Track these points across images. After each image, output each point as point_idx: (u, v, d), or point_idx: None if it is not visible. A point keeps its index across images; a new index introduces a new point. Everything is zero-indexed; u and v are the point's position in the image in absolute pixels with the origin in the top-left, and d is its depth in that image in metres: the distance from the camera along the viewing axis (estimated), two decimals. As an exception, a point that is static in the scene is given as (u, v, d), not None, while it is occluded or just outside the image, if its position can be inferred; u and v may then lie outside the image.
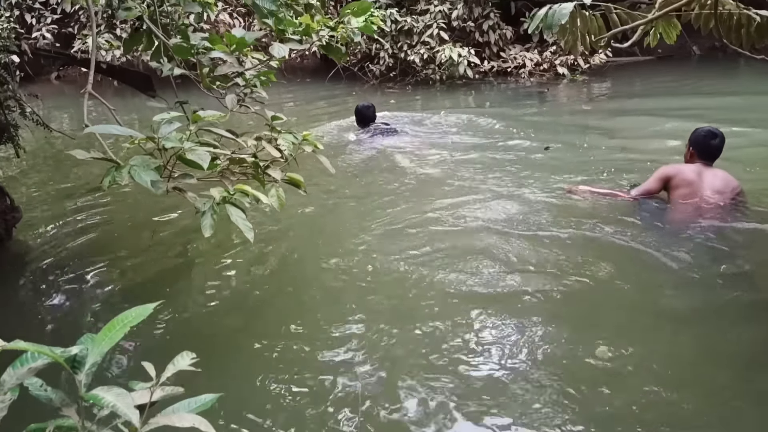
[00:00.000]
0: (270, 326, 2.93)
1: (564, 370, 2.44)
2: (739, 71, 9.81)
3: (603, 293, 3.07)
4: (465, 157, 5.52)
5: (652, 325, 2.80)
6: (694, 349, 2.64)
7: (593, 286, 3.11)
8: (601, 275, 3.21)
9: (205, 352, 2.71)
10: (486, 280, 3.20)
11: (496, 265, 3.34)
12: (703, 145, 3.96)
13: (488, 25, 10.59)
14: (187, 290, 3.40)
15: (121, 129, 2.02)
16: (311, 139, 2.76)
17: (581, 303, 2.99)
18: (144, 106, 7.24)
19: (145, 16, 3.19)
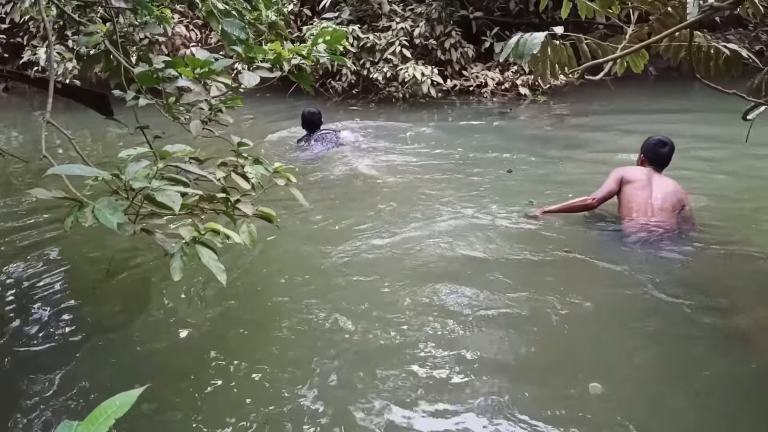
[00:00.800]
0: (239, 357, 2.84)
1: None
2: (693, 92, 10.10)
3: (566, 315, 3.08)
4: (426, 177, 5.55)
5: (621, 349, 2.81)
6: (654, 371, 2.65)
7: (551, 306, 3.14)
8: (561, 296, 3.24)
9: (171, 388, 2.61)
10: (447, 305, 3.24)
11: (459, 290, 3.38)
12: (654, 152, 4.29)
13: (450, 43, 10.64)
14: (147, 325, 3.26)
15: (85, 169, 1.90)
16: (283, 172, 2.67)
17: (543, 325, 3.01)
18: (97, 121, 7.00)
19: (106, 40, 3.06)
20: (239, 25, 2.75)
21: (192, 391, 2.64)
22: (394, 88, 10.06)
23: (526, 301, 3.26)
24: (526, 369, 2.73)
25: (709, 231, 4.07)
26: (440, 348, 2.84)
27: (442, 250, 3.89)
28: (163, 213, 2.16)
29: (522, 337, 2.95)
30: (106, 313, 3.41)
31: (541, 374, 2.69)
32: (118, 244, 4.15)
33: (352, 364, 2.75)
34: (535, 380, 2.64)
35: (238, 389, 2.64)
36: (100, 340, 3.09)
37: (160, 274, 3.72)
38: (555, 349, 2.88)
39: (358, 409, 2.47)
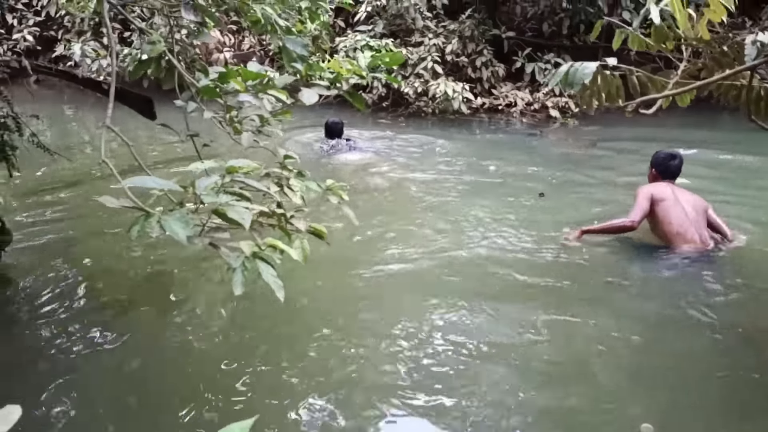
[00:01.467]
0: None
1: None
2: (722, 121, 10.07)
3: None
4: (456, 194, 5.60)
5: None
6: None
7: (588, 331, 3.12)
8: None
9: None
10: (481, 331, 3.25)
11: (497, 315, 3.39)
12: (664, 165, 4.45)
13: (481, 61, 10.68)
14: (179, 326, 3.30)
15: (159, 182, 1.94)
16: (336, 190, 2.70)
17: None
18: (129, 120, 7.12)
19: (166, 49, 3.12)
20: (301, 43, 2.80)
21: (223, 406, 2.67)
22: (424, 102, 10.11)
23: (564, 332, 3.26)
24: (571, 414, 2.67)
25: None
26: (473, 380, 2.82)
27: (480, 271, 3.92)
28: (228, 227, 2.20)
29: (564, 376, 2.92)
30: (139, 310, 3.46)
31: (588, 418, 2.64)
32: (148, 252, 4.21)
33: (379, 391, 2.75)
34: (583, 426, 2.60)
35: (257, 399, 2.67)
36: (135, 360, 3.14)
37: (189, 284, 3.77)
38: (600, 387, 2.85)
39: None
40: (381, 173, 6.52)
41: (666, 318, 3.44)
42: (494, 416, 2.55)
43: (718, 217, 4.42)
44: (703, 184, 5.84)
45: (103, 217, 4.85)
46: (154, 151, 7.61)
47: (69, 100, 12.55)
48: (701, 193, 4.59)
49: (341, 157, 7.18)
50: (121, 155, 5.29)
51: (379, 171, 6.61)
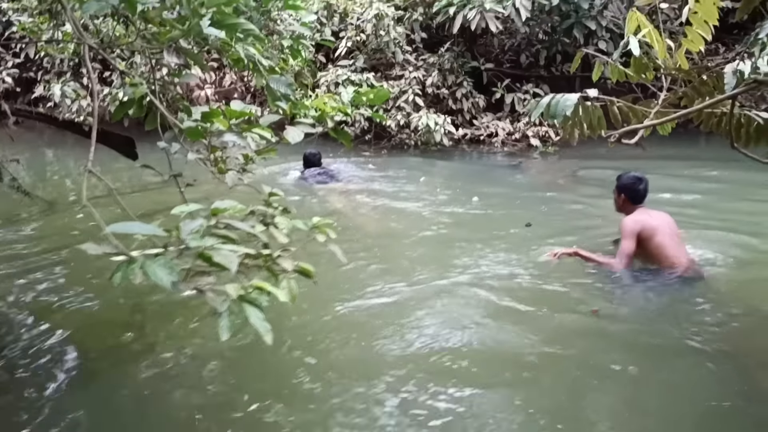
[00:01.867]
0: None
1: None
2: (699, 145, 10.26)
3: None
4: (442, 225, 5.59)
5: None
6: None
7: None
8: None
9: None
10: (468, 360, 3.19)
11: (484, 346, 3.36)
12: (633, 190, 4.43)
13: (461, 93, 10.80)
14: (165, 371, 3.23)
15: (144, 227, 1.89)
16: (323, 228, 2.67)
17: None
18: (110, 161, 7.08)
19: (147, 91, 3.10)
20: (285, 82, 2.79)
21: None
22: (406, 135, 10.17)
23: (553, 362, 3.24)
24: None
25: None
26: (463, 415, 2.79)
27: (467, 302, 3.89)
28: (213, 271, 2.15)
29: (554, 406, 2.90)
30: (125, 368, 3.38)
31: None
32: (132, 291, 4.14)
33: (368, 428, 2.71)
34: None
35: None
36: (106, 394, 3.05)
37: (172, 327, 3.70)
38: (592, 418, 2.83)
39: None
40: (363, 204, 6.54)
41: (656, 345, 3.43)
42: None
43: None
44: (684, 205, 5.96)
45: (86, 263, 4.76)
46: (135, 192, 7.54)
47: (49, 141, 12.46)
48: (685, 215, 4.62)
49: (321, 187, 7.26)
50: (104, 204, 5.23)
51: (362, 202, 6.64)
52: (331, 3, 11.20)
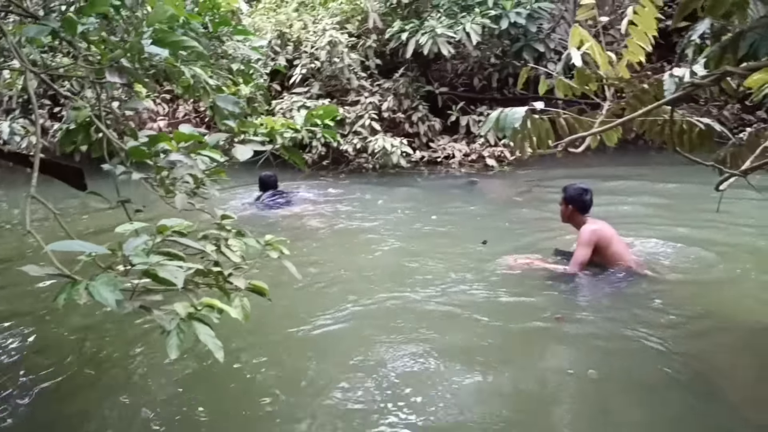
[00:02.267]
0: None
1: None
2: (649, 160, 10.57)
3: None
4: (398, 245, 5.61)
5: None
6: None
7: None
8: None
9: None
10: (430, 376, 3.17)
11: (445, 361, 3.34)
12: (581, 201, 4.61)
13: (417, 116, 10.91)
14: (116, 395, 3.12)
15: (84, 245, 1.85)
16: (276, 245, 2.64)
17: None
18: (72, 194, 6.92)
19: (93, 115, 3.04)
20: (232, 100, 2.77)
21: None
22: (364, 159, 10.20)
23: (517, 371, 3.24)
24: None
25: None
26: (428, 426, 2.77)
27: (426, 317, 3.88)
28: (159, 289, 2.10)
29: (518, 413, 2.91)
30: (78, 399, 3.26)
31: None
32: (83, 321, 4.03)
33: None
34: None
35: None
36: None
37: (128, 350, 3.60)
38: (557, 420, 2.83)
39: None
40: (321, 226, 6.53)
41: (616, 347, 3.49)
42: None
43: None
44: (636, 214, 6.11)
45: (31, 291, 4.62)
46: (83, 219, 7.38)
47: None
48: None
49: (278, 212, 7.24)
50: (48, 228, 5.09)
51: (319, 223, 6.63)
52: (285, 32, 11.25)
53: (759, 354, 3.49)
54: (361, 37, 11.38)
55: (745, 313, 3.94)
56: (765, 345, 3.58)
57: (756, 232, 5.60)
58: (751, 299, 4.13)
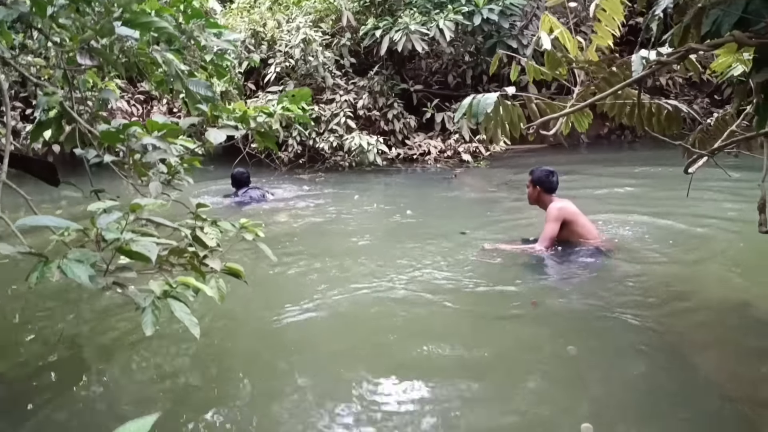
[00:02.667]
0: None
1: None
2: (622, 156, 10.76)
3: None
4: (376, 239, 5.62)
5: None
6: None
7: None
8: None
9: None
10: (408, 362, 3.17)
11: (425, 347, 3.34)
12: (548, 182, 4.87)
13: (392, 114, 10.95)
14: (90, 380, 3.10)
15: (54, 220, 1.84)
16: (251, 228, 2.65)
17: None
18: (42, 192, 6.86)
19: (63, 103, 3.02)
20: (205, 84, 2.77)
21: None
22: (341, 157, 10.21)
23: (497, 352, 3.28)
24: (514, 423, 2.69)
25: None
26: (410, 413, 2.77)
27: (404, 306, 3.89)
28: (137, 271, 2.10)
29: (498, 392, 2.94)
30: (54, 384, 3.22)
31: (530, 425, 2.65)
32: (66, 312, 3.99)
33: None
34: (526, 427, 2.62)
35: None
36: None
37: (106, 339, 3.57)
38: (537, 396, 2.87)
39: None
40: (297, 220, 6.53)
41: (593, 326, 3.54)
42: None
43: None
44: (609, 197, 6.23)
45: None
46: (56, 212, 7.29)
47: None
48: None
49: (252, 206, 7.24)
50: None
51: (295, 218, 6.63)
52: (259, 31, 11.22)
53: (729, 329, 3.58)
54: (336, 35, 11.39)
55: (715, 290, 4.05)
56: (734, 321, 3.66)
57: (725, 215, 5.76)
58: (720, 278, 4.24)
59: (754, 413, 2.69)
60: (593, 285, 4.13)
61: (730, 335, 3.53)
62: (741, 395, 2.86)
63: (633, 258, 4.60)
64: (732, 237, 5.08)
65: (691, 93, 12.45)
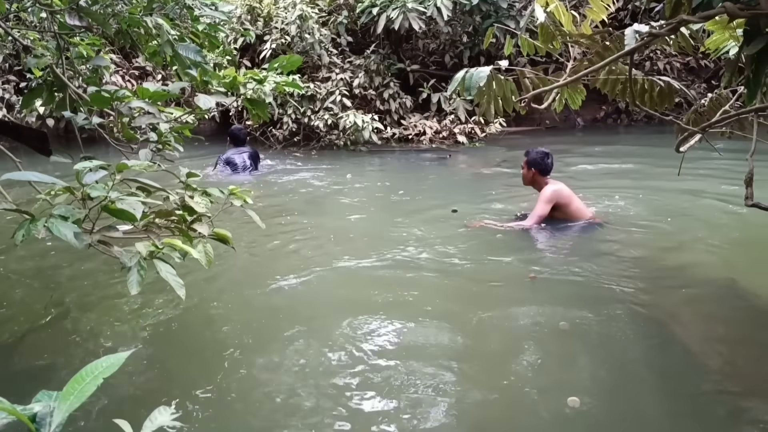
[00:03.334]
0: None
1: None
2: (618, 138, 10.77)
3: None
4: (370, 215, 5.62)
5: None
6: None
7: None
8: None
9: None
10: (402, 337, 3.20)
11: (418, 322, 3.34)
12: (543, 164, 4.86)
13: (388, 93, 10.90)
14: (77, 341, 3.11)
15: (40, 176, 1.83)
16: (239, 193, 2.64)
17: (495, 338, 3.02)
18: (34, 165, 6.83)
19: (53, 65, 3.01)
20: (195, 49, 2.75)
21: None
22: (335, 135, 10.17)
23: (488, 327, 3.30)
24: (503, 396, 2.70)
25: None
26: (402, 383, 2.78)
27: (394, 280, 3.90)
28: (120, 225, 2.10)
29: (490, 362, 2.97)
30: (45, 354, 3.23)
31: (520, 397, 2.67)
32: (57, 276, 4.01)
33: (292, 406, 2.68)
34: (513, 400, 2.64)
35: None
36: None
37: (99, 307, 3.58)
38: (528, 371, 2.88)
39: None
40: (289, 195, 6.54)
41: (586, 300, 3.58)
42: (429, 411, 2.51)
43: None
44: (602, 179, 6.26)
45: None
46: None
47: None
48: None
49: (244, 177, 7.35)
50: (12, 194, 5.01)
51: (287, 193, 6.63)
52: (255, 6, 11.12)
53: (719, 305, 3.63)
54: (332, 13, 11.30)
55: (707, 266, 4.12)
56: (724, 296, 3.71)
57: (717, 192, 5.84)
58: (711, 254, 4.30)
59: (741, 391, 2.71)
60: (586, 261, 4.16)
61: (720, 311, 3.58)
62: (729, 373, 2.89)
63: (626, 234, 4.66)
64: (723, 214, 5.15)
65: (689, 78, 12.43)
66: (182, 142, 3.14)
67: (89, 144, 3.22)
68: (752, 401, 2.61)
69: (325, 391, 2.67)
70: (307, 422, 2.46)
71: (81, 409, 0.88)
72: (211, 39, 4.31)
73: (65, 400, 0.78)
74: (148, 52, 3.36)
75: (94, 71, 3.63)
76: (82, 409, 0.88)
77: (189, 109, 3.00)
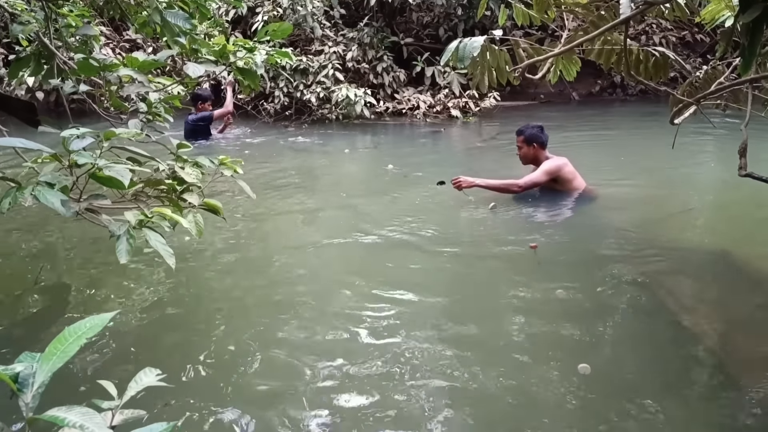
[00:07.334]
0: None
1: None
2: (613, 112, 10.76)
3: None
4: (360, 190, 5.60)
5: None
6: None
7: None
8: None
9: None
10: (401, 310, 3.19)
11: (416, 295, 3.34)
12: (542, 139, 4.83)
13: (382, 67, 10.79)
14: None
15: (27, 143, 1.81)
16: (229, 163, 2.62)
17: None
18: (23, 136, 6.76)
19: (41, 34, 2.95)
20: (183, 16, 2.70)
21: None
22: (327, 109, 10.09)
23: (485, 296, 3.32)
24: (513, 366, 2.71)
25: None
26: (401, 357, 2.78)
27: (388, 255, 3.91)
28: (108, 193, 2.08)
29: (498, 331, 2.99)
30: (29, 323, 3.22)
31: (530, 365, 2.69)
32: (47, 252, 3.98)
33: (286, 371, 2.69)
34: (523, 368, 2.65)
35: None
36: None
37: (87, 280, 3.57)
38: (536, 338, 2.91)
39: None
40: (278, 171, 6.47)
41: (582, 269, 3.63)
42: (432, 389, 2.52)
43: None
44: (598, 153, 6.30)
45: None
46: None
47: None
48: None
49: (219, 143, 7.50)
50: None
51: (277, 169, 6.57)
52: (246, -22, 10.96)
53: (715, 277, 3.69)
54: (326, -16, 11.16)
55: (695, 236, 4.19)
56: (720, 268, 3.78)
57: (709, 165, 5.88)
58: (706, 225, 4.35)
59: (735, 362, 2.74)
60: (584, 230, 4.21)
61: (715, 283, 3.63)
62: (725, 345, 2.92)
63: (621, 206, 4.68)
64: (716, 184, 5.19)
65: (684, 52, 12.36)
66: (172, 112, 3.11)
67: (79, 117, 3.17)
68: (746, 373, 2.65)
69: (316, 364, 2.67)
70: (298, 390, 2.47)
71: (66, 372, 0.87)
72: (202, 8, 4.26)
73: (47, 361, 0.77)
74: (137, 22, 3.30)
75: (83, 43, 3.57)
76: (66, 371, 0.86)
77: (179, 79, 2.95)
